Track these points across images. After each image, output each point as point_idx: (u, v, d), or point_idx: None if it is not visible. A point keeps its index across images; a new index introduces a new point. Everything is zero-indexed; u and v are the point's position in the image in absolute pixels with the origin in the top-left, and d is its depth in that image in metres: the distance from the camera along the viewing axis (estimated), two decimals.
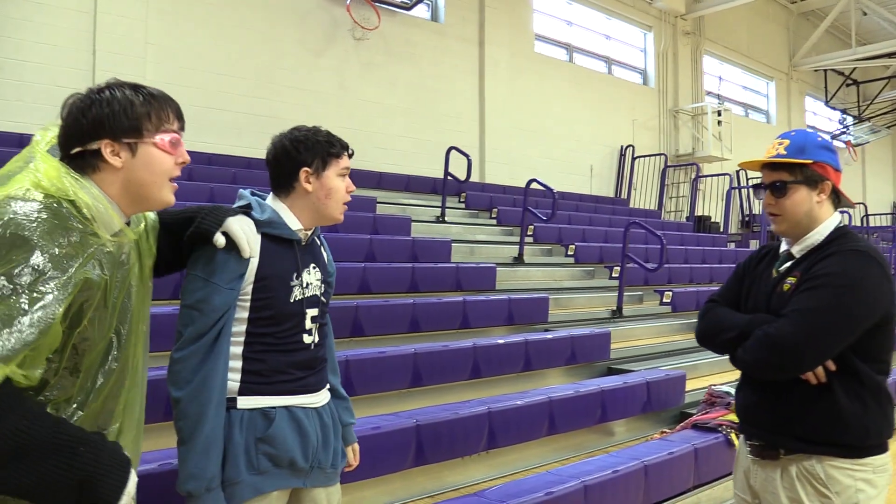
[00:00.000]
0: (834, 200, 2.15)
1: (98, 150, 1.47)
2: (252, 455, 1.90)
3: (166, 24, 8.17)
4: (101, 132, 1.47)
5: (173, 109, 1.58)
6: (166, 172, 1.55)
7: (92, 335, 1.41)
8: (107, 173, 1.48)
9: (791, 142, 2.12)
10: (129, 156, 1.49)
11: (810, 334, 1.92)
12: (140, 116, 1.51)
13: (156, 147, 1.52)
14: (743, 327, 2.07)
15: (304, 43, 9.41)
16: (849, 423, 1.97)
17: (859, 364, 1.98)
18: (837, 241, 2.07)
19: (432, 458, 3.77)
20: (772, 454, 2.08)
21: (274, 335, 1.96)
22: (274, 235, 1.98)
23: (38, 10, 7.34)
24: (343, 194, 2.07)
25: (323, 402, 2.08)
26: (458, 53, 11.10)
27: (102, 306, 1.42)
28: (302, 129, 2.08)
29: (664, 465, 3.90)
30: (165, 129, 1.54)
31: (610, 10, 13.63)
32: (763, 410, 2.10)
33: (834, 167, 2.13)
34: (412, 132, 10.46)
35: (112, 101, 1.49)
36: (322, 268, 2.13)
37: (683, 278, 9.31)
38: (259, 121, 8.62)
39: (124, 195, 1.51)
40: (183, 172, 6.48)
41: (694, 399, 5.41)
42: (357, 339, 4.79)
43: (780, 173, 2.11)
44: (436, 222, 8.55)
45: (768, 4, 17.15)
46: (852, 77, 19.38)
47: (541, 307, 6.28)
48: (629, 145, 13.54)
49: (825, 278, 1.97)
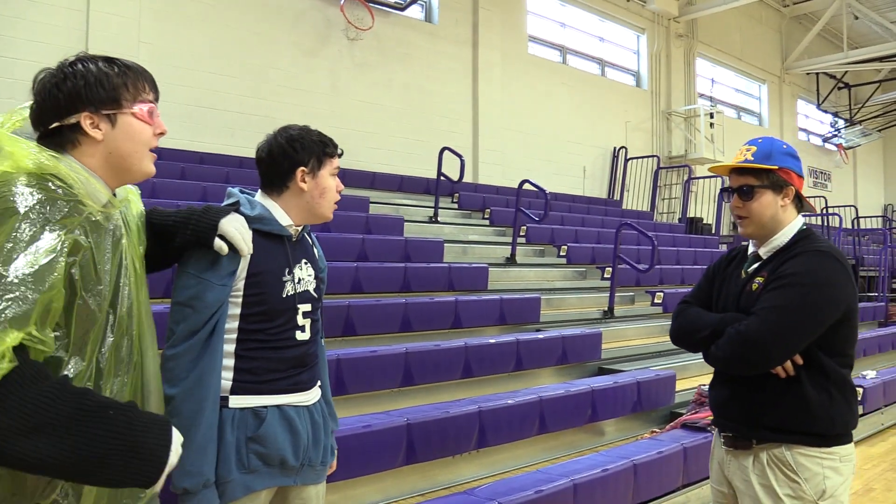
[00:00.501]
0: (797, 205, 2.24)
1: (77, 123, 1.45)
2: (243, 454, 1.90)
3: (159, 23, 8.17)
4: (79, 105, 1.45)
5: (148, 80, 1.57)
6: (146, 142, 1.53)
7: (91, 308, 1.38)
8: (87, 146, 1.47)
9: (758, 148, 2.22)
10: (109, 127, 1.48)
11: (778, 331, 2.02)
12: (117, 87, 1.49)
13: (135, 117, 1.51)
14: (715, 326, 2.17)
15: (297, 43, 9.42)
16: (816, 413, 2.07)
17: (824, 358, 2.09)
18: (801, 242, 2.17)
19: (423, 457, 3.79)
20: (745, 444, 2.17)
21: (266, 331, 1.97)
22: (265, 231, 1.99)
23: (31, 7, 7.33)
24: (335, 193, 2.11)
25: (314, 401, 2.09)
26: (451, 54, 11.13)
27: (94, 276, 1.39)
28: (294, 128, 2.10)
29: (653, 464, 3.93)
30: (142, 98, 1.53)
31: (603, 12, 13.67)
32: (736, 404, 2.19)
33: (797, 173, 2.22)
34: (406, 132, 10.48)
35: (87, 73, 1.47)
36: (314, 263, 2.14)
37: (675, 279, 9.35)
38: (252, 120, 8.62)
39: (106, 167, 1.49)
40: (176, 171, 6.48)
41: (684, 399, 5.45)
42: (349, 339, 4.80)
43: (747, 178, 2.21)
44: (428, 222, 8.57)
45: (761, 8, 17.23)
46: (844, 80, 19.50)
47: (532, 307, 6.31)
48: (622, 147, 13.59)
49: (791, 277, 2.07)
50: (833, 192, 19.60)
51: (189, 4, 8.45)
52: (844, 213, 14.31)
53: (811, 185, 19.17)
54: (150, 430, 1.31)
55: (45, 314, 1.25)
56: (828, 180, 20.31)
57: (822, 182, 19.97)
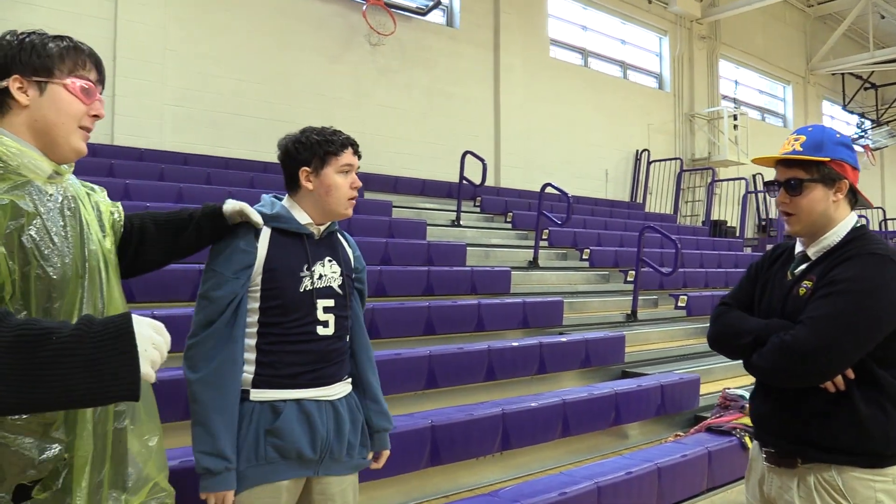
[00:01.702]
0: (851, 200, 2.06)
1: (6, 88, 1.46)
2: (261, 446, 1.99)
3: (185, 31, 8.29)
4: (12, 68, 1.47)
5: (93, 61, 1.57)
6: (74, 117, 1.52)
7: (52, 278, 1.37)
8: (14, 113, 1.47)
9: (808, 138, 2.02)
10: (36, 94, 1.48)
11: (830, 342, 1.85)
12: (52, 56, 1.50)
13: (65, 89, 1.50)
14: (758, 333, 2.00)
15: (320, 49, 9.50)
16: (870, 431, 1.90)
17: (878, 370, 1.92)
18: (855, 242, 1.99)
19: (447, 459, 3.81)
20: (789, 462, 2.02)
21: (283, 325, 2.04)
22: (282, 229, 2.09)
23: (60, 17, 7.46)
24: (346, 190, 2.14)
25: (339, 395, 2.15)
26: (473, 58, 11.16)
27: (49, 241, 1.39)
28: (307, 130, 2.18)
29: (677, 467, 3.92)
30: (80, 75, 1.53)
31: (625, 14, 13.64)
32: (779, 418, 2.04)
33: (852, 165, 2.03)
34: (428, 136, 10.52)
35: (24, 41, 1.50)
36: (343, 262, 2.20)
37: (699, 282, 9.29)
38: (276, 125, 8.68)
39: (33, 135, 1.48)
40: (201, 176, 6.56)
41: (708, 402, 5.42)
42: (373, 342, 4.75)
43: (795, 170, 2.02)
44: (451, 226, 8.59)
45: (785, 8, 17.08)
46: (870, 80, 19.24)
47: (555, 311, 6.31)
48: (644, 149, 13.53)
49: (844, 283, 1.89)
50: None
51: (214, 13, 8.57)
52: (872, 215, 14.12)
53: None
54: (104, 342, 1.15)
55: None
56: None
57: None
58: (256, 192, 6.87)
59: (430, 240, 7.05)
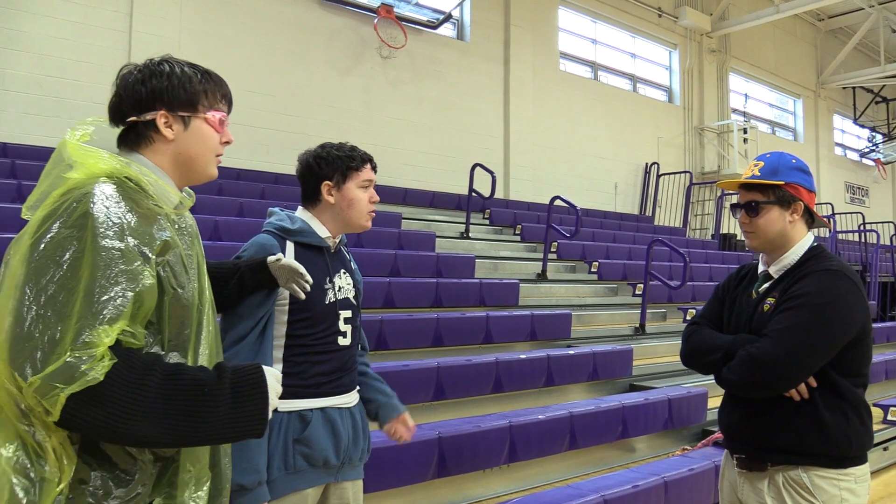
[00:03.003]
0: (807, 220, 2.22)
1: (152, 121, 1.50)
2: (290, 455, 2.04)
3: (199, 44, 8.38)
4: (159, 103, 1.50)
5: (224, 92, 1.64)
6: (213, 148, 1.59)
7: (183, 303, 1.43)
8: (159, 144, 1.51)
9: (766, 163, 2.20)
10: (181, 128, 1.52)
11: (792, 353, 2.00)
12: (197, 92, 1.55)
13: (206, 122, 1.56)
14: (727, 348, 2.15)
15: (332, 61, 9.59)
16: (832, 435, 2.04)
17: (839, 378, 2.06)
18: (811, 261, 2.15)
19: (454, 470, 3.83)
20: (759, 466, 2.14)
21: (311, 336, 2.10)
22: (305, 243, 2.15)
23: (77, 29, 7.58)
24: (366, 204, 2.23)
25: (355, 402, 2.23)
26: (483, 71, 11.22)
27: (183, 271, 1.44)
28: (327, 145, 2.24)
29: (684, 481, 3.91)
30: (217, 107, 1.60)
31: (635, 28, 13.69)
32: (748, 427, 2.16)
33: (807, 188, 2.19)
34: (437, 149, 10.58)
35: (171, 74, 1.53)
36: (351, 274, 2.28)
37: (707, 296, 9.22)
38: (288, 137, 8.79)
39: (174, 167, 1.54)
40: (213, 187, 6.65)
41: (716, 417, 5.39)
42: (381, 353, 4.87)
43: (754, 194, 2.19)
44: (460, 238, 8.62)
45: (795, 22, 17.10)
46: (881, 94, 19.22)
47: (563, 323, 6.32)
48: (654, 163, 13.55)
49: (802, 298, 2.04)
50: (871, 207, 19.28)
51: (227, 25, 8.67)
52: (883, 229, 14.07)
53: (848, 201, 18.87)
54: (242, 392, 1.37)
55: (136, 312, 1.30)
56: (865, 196, 19.98)
57: (859, 198, 19.66)
58: (267, 203, 6.98)
59: (439, 252, 7.09)
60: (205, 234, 5.67)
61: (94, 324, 1.22)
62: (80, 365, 1.19)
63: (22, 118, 7.25)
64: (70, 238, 1.27)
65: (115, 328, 1.25)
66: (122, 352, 1.26)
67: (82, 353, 1.20)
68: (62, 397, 1.18)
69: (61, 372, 1.18)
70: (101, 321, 1.23)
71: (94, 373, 1.20)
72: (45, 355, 1.20)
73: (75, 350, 1.20)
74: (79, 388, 1.18)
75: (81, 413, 1.20)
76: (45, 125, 7.29)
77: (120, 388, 1.23)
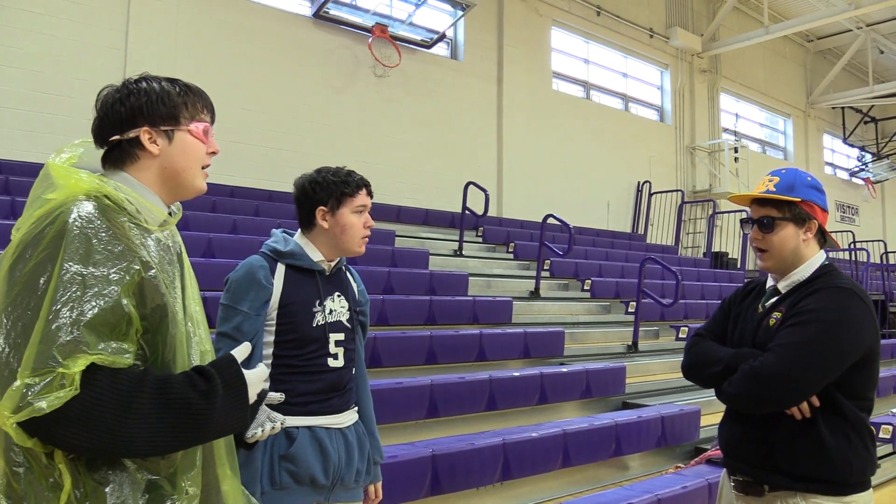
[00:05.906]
0: (820, 239, 2.16)
1: (136, 138, 1.51)
2: (275, 471, 2.05)
3: (194, 61, 8.41)
4: (140, 119, 1.51)
5: (206, 102, 1.64)
6: (199, 159, 1.58)
7: (165, 320, 1.42)
8: (144, 160, 1.51)
9: (781, 179, 2.14)
10: (165, 143, 1.53)
11: (796, 368, 1.93)
12: (177, 105, 1.55)
13: (190, 134, 1.56)
14: (728, 361, 2.09)
15: (326, 80, 9.64)
16: (833, 459, 1.97)
17: (843, 400, 1.99)
18: (822, 278, 2.09)
19: (447, 488, 3.82)
20: (756, 490, 2.07)
21: (298, 357, 2.12)
22: (296, 266, 2.17)
23: (73, 47, 7.61)
24: (360, 229, 2.23)
25: (348, 423, 2.22)
26: (476, 91, 11.30)
27: (165, 288, 1.43)
28: (323, 170, 2.25)
29: (677, 499, 3.91)
30: (199, 118, 1.60)
31: (627, 48, 13.82)
32: (747, 445, 2.10)
33: (821, 207, 2.15)
34: (431, 167, 10.62)
35: (150, 90, 1.54)
36: (350, 297, 2.28)
37: (700, 314, 9.31)
38: (281, 155, 8.82)
39: (161, 182, 1.54)
40: (207, 204, 6.64)
41: (709, 434, 5.42)
42: (375, 370, 4.87)
43: (768, 209, 2.14)
44: (453, 256, 8.65)
45: (785, 43, 17.29)
46: (870, 114, 19.41)
47: (556, 341, 6.33)
48: (646, 181, 13.63)
49: (812, 314, 1.98)
50: (861, 226, 19.39)
51: (223, 43, 8.72)
52: (872, 247, 14.16)
53: (838, 220, 19.00)
54: (228, 397, 1.41)
55: (112, 332, 1.29)
56: (855, 214, 20.12)
57: (849, 216, 19.79)
58: (261, 221, 6.99)
59: (433, 269, 7.10)
60: (198, 252, 5.67)
61: (50, 351, 1.21)
62: (27, 394, 1.18)
63: (16, 135, 7.25)
64: (44, 262, 1.27)
65: (80, 355, 1.23)
66: (106, 373, 1.25)
67: (36, 379, 1.19)
68: (10, 424, 1.19)
69: (11, 398, 1.18)
70: (59, 347, 1.21)
71: (44, 402, 1.18)
72: (3, 382, 1.20)
73: (31, 376, 1.19)
74: (26, 416, 1.18)
75: (67, 435, 1.21)
76: (40, 142, 7.29)
77: (104, 409, 1.23)
